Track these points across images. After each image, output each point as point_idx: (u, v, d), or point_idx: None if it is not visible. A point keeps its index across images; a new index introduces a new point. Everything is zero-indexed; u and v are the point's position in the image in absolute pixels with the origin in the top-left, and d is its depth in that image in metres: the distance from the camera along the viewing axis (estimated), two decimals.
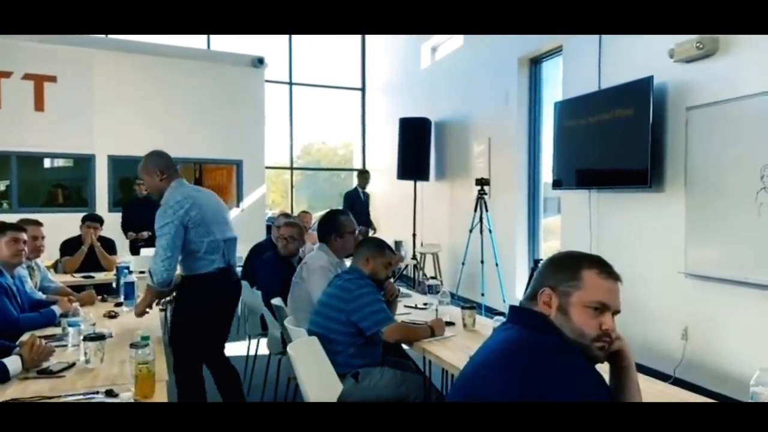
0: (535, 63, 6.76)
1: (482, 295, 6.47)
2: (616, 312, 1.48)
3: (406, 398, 2.85)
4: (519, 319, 1.53)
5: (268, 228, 9.27)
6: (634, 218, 4.96)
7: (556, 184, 5.82)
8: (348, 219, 3.52)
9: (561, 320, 1.45)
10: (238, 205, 8.90)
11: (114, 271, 5.21)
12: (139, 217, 6.40)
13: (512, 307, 1.57)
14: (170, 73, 8.39)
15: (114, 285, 4.29)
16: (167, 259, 2.95)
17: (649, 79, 4.62)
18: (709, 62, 4.23)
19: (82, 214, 7.15)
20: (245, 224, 7.96)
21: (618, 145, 4.96)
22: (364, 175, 8.82)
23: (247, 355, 4.49)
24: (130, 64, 8.11)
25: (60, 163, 8.67)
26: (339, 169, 13.43)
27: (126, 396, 1.98)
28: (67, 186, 8.65)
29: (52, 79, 7.61)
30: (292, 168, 11.30)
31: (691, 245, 4.35)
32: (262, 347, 4.36)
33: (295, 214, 6.82)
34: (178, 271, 3.12)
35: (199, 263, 3.11)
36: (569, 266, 1.49)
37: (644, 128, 4.65)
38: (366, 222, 8.40)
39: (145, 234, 6.50)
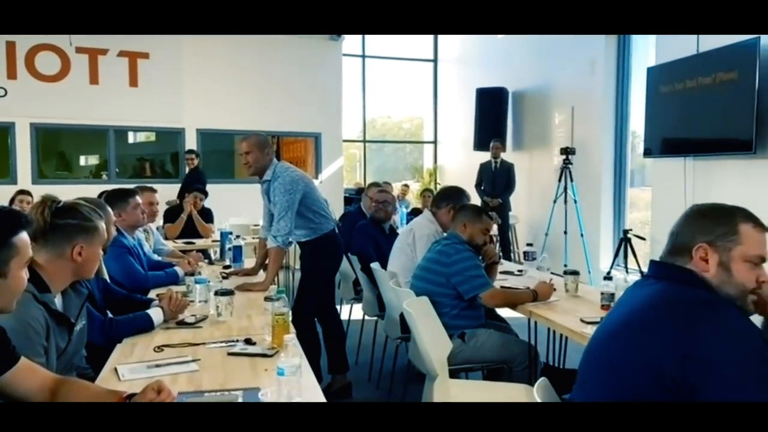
0: None
1: (565, 266, 6.38)
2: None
3: (511, 362, 2.90)
4: (663, 274, 1.50)
5: (346, 199, 9.45)
6: (737, 186, 4.75)
7: (647, 153, 5.64)
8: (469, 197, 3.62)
9: (723, 276, 1.43)
10: (316, 177, 9.09)
11: (210, 238, 5.54)
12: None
13: (655, 262, 1.54)
14: (252, 49, 8.58)
15: (218, 249, 4.52)
16: (290, 221, 3.30)
17: (755, 41, 4.38)
18: None
19: (172, 185, 7.55)
20: (324, 196, 8.10)
21: (719, 110, 4.76)
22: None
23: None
24: (216, 41, 8.35)
25: (142, 138, 9.09)
26: (412, 141, 13.47)
27: (264, 344, 2.13)
28: (150, 159, 9.10)
29: (145, 56, 7.96)
30: (365, 141, 11.42)
31: None
32: (354, 312, 4.52)
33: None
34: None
35: (322, 224, 3.49)
36: (724, 220, 1.45)
37: (749, 92, 4.44)
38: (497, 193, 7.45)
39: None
